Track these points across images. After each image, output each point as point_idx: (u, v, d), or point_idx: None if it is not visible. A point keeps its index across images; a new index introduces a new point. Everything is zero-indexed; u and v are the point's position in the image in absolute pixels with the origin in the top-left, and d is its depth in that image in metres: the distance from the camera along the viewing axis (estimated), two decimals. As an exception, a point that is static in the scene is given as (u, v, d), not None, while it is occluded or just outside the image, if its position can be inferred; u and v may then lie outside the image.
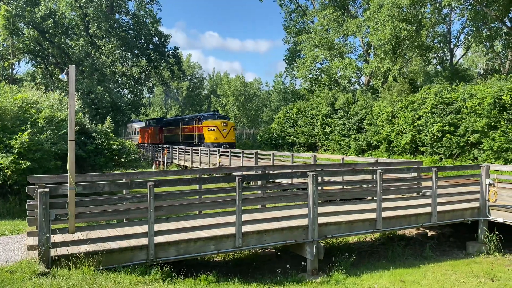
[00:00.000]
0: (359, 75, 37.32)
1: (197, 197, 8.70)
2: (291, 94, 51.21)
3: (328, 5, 37.22)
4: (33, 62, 40.66)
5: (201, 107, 69.58)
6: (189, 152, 26.63)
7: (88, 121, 17.93)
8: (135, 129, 52.79)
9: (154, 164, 31.68)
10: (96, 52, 36.75)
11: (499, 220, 9.53)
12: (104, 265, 6.40)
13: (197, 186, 8.96)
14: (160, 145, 35.99)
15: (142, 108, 50.65)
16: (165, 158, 30.02)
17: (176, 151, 30.23)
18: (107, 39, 37.64)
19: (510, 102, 18.10)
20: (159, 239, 6.96)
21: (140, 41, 41.02)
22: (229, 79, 77.09)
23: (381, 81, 29.60)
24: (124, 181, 8.29)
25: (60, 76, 7.36)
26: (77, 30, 37.81)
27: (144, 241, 6.84)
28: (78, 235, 7.04)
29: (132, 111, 45.14)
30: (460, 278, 7.75)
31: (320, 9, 37.90)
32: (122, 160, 16.18)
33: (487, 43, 32.46)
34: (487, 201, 9.79)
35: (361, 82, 38.67)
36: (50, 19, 34.29)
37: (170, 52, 44.27)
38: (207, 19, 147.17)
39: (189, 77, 70.83)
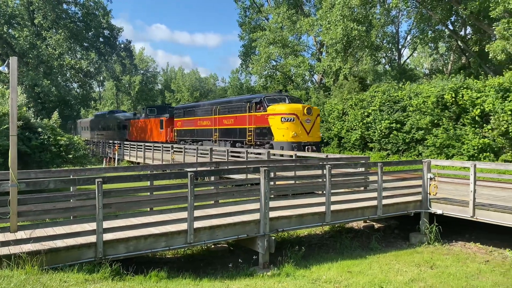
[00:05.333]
0: (312, 73, 38.10)
1: (148, 193, 8.60)
2: (247, 91, 51.47)
3: (282, 3, 37.67)
4: (-28, 52, 38.18)
5: (155, 102, 68.22)
6: (141, 148, 25.93)
7: (33, 115, 17.18)
8: (122, 121, 39.95)
9: (104, 161, 30.74)
10: (42, 44, 35.04)
11: (439, 212, 10.12)
12: (49, 264, 6.20)
13: (148, 183, 8.84)
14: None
15: (92, 102, 48.84)
16: (116, 154, 29.20)
17: (127, 147, 29.25)
18: (54, 30, 36.02)
19: (451, 101, 19.20)
20: (108, 236, 6.82)
21: (90, 33, 39.56)
22: (183, 74, 76.13)
23: (332, 79, 30.40)
24: (71, 177, 8.04)
25: (0, 68, 7.01)
26: (21, 19, 35.89)
27: (92, 238, 6.68)
28: (21, 234, 6.75)
29: (81, 105, 43.51)
30: (403, 267, 8.18)
31: (275, 6, 38.28)
32: (70, 156, 15.66)
33: (432, 45, 34.23)
34: (428, 194, 10.36)
35: (314, 80, 39.51)
36: (-9, 7, 32.34)
37: (122, 45, 43.04)
38: (153, 10, 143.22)
39: (142, 71, 69.22)
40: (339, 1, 26.86)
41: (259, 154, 17.59)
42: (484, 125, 18.44)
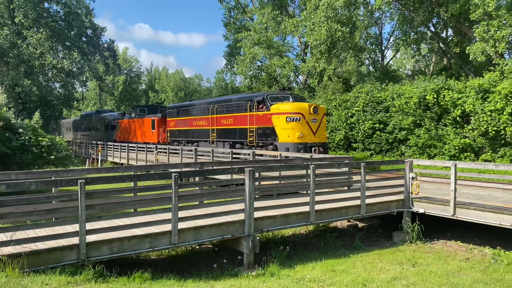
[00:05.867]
0: (296, 73, 38.29)
1: (132, 194, 8.55)
2: (232, 91, 51.40)
3: (267, 3, 37.75)
4: (-50, 51, 37.28)
5: (139, 102, 67.69)
6: (125, 148, 25.69)
7: (13, 116, 16.88)
8: (110, 122, 39.07)
9: (87, 162, 30.34)
10: (22, 43, 34.42)
11: (421, 211, 10.29)
12: (30, 267, 6.10)
13: (131, 184, 8.79)
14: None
15: (75, 102, 48.09)
16: (99, 155, 28.86)
17: (111, 147, 28.96)
18: (35, 29, 35.41)
19: (433, 101, 19.53)
20: (91, 238, 6.75)
21: (72, 32, 39.01)
22: (167, 74, 75.65)
23: (317, 80, 30.61)
24: (53, 179, 7.94)
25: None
26: (1, 18, 35.21)
27: (75, 240, 6.60)
28: (2, 237, 6.65)
29: (63, 105, 42.87)
30: (386, 266, 8.29)
31: (259, 7, 38.34)
32: (52, 157, 15.44)
33: (414, 46, 34.75)
34: (410, 194, 10.51)
35: (299, 81, 39.70)
36: (-31, 5, 31.67)
37: (105, 45, 42.57)
38: (136, 9, 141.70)
39: (125, 71, 68.53)
40: (323, 3, 27.06)
41: (247, 154, 17.56)
42: (465, 125, 18.81)
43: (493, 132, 17.12)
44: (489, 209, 9.14)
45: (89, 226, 6.77)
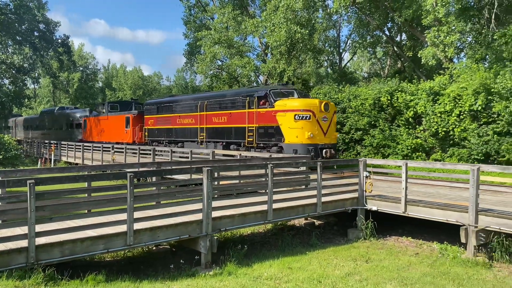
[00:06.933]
0: (257, 74, 38.47)
1: (86, 195, 8.31)
2: (192, 90, 50.85)
3: (227, 3, 37.67)
4: None
5: (95, 100, 65.59)
6: (79, 148, 24.79)
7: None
8: (76, 119, 35.53)
9: (39, 162, 29.11)
10: (-32, 36, 32.52)
11: (374, 208, 10.66)
12: (-26, 272, 5.81)
13: (85, 184, 8.54)
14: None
15: (26, 100, 45.82)
16: (52, 155, 27.73)
17: (65, 147, 27.83)
18: (-18, 22, 33.52)
19: (387, 103, 20.23)
20: (41, 240, 6.51)
21: (23, 26, 37.19)
22: (125, 71, 73.91)
23: (277, 81, 30.85)
24: (0, 179, 7.58)
25: None
26: None
27: (23, 243, 6.35)
28: None
29: (13, 103, 40.78)
30: (340, 262, 8.53)
31: (220, 6, 38.19)
32: (0, 157, 14.70)
33: (370, 49, 35.83)
34: (364, 192, 10.87)
35: (260, 81, 39.90)
36: None
37: (59, 40, 40.90)
38: (90, 3, 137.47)
39: (81, 68, 66.24)
40: (282, 4, 27.34)
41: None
42: (417, 126, 19.62)
43: (443, 133, 17.97)
44: (436, 206, 9.61)
45: (39, 228, 6.53)
